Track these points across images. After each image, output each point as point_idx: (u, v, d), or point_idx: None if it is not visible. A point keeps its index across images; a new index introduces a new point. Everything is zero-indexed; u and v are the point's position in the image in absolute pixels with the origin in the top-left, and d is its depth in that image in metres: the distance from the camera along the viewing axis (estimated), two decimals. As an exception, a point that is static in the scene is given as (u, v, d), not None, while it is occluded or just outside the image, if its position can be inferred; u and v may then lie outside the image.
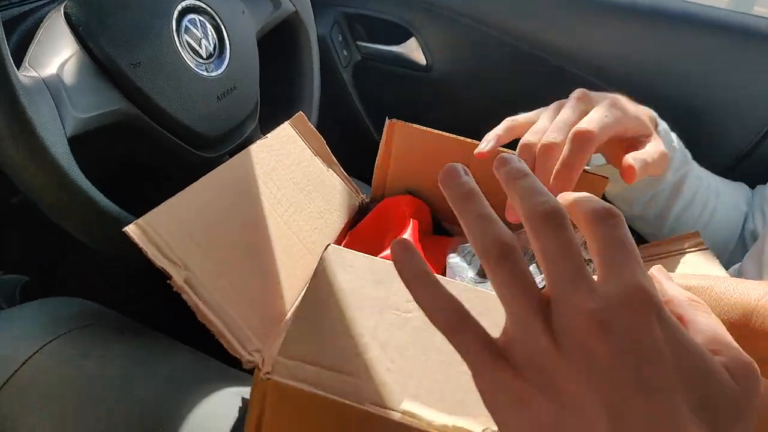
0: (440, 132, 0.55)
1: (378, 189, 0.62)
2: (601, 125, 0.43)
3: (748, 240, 0.59)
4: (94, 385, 0.45)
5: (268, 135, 0.52)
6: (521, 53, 0.85)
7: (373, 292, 0.35)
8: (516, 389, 0.21)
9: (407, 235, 0.53)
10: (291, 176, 0.51)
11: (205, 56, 0.57)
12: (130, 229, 0.31)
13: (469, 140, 0.54)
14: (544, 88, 0.88)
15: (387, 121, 0.57)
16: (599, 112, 0.44)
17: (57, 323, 0.49)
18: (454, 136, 0.55)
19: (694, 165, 0.59)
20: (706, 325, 0.24)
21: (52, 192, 0.41)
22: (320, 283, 0.36)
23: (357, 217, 0.60)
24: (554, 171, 0.42)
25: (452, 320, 0.22)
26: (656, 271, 0.30)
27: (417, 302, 0.23)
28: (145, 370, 0.47)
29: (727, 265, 0.50)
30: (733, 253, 0.60)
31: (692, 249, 0.50)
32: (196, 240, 0.35)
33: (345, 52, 0.96)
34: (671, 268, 0.48)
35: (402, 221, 0.55)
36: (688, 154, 0.58)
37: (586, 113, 0.45)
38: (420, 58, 0.92)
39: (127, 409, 0.44)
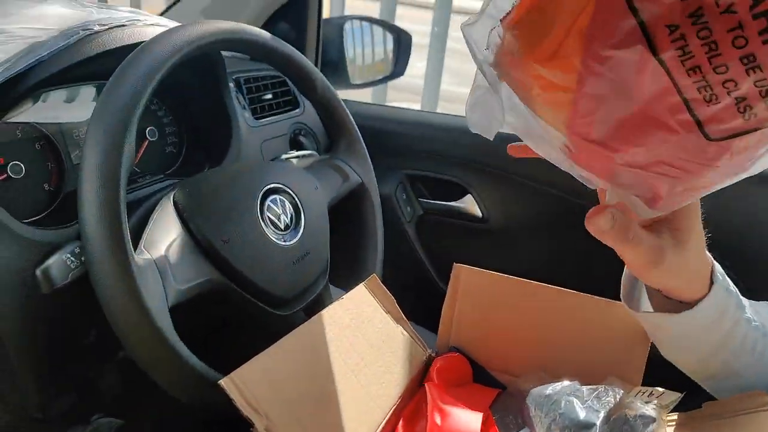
0: (507, 276, 0.59)
1: (443, 340, 0.66)
2: None
3: None
4: None
5: (344, 296, 0.59)
6: (568, 204, 0.92)
7: None
8: None
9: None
10: (363, 333, 0.57)
11: (283, 228, 0.66)
12: (224, 383, 0.39)
13: (536, 283, 0.58)
14: (593, 241, 0.93)
15: (453, 266, 0.62)
16: None
17: None
18: (522, 279, 0.59)
19: (746, 305, 0.59)
20: None
21: (153, 354, 0.49)
22: None
23: (424, 369, 0.63)
24: None
25: None
26: None
27: None
28: None
29: None
30: None
31: (760, 408, 0.49)
32: (277, 392, 0.42)
33: (409, 209, 1.06)
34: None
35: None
36: (740, 298, 0.59)
37: None
38: (476, 211, 1.01)
39: None
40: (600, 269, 0.80)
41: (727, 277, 0.57)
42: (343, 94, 1.61)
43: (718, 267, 0.55)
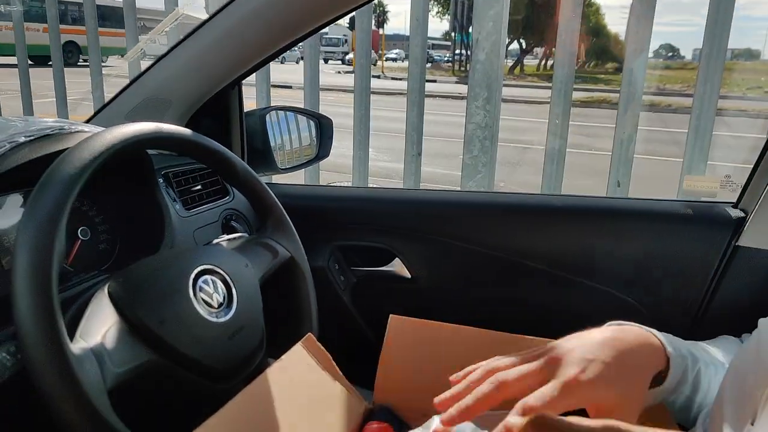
0: (438, 323, 0.64)
1: (380, 393, 0.70)
2: (545, 403, 0.48)
3: None
4: None
5: (282, 357, 0.62)
6: (490, 259, 1.00)
7: None
8: None
9: None
10: (302, 392, 0.61)
11: (216, 306, 0.70)
12: None
13: (466, 327, 0.63)
14: (516, 287, 1.01)
15: (390, 317, 0.67)
16: (549, 389, 0.49)
17: None
18: (453, 325, 0.64)
19: (703, 355, 0.64)
20: None
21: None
22: None
23: (363, 422, 0.67)
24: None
25: None
26: None
27: None
28: None
29: None
30: None
31: None
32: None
33: (342, 278, 1.11)
34: None
35: None
36: (696, 351, 0.63)
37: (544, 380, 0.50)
38: (406, 273, 1.07)
39: None
40: (530, 316, 0.88)
41: (674, 339, 0.61)
42: (276, 178, 1.68)
43: (665, 339, 0.59)
